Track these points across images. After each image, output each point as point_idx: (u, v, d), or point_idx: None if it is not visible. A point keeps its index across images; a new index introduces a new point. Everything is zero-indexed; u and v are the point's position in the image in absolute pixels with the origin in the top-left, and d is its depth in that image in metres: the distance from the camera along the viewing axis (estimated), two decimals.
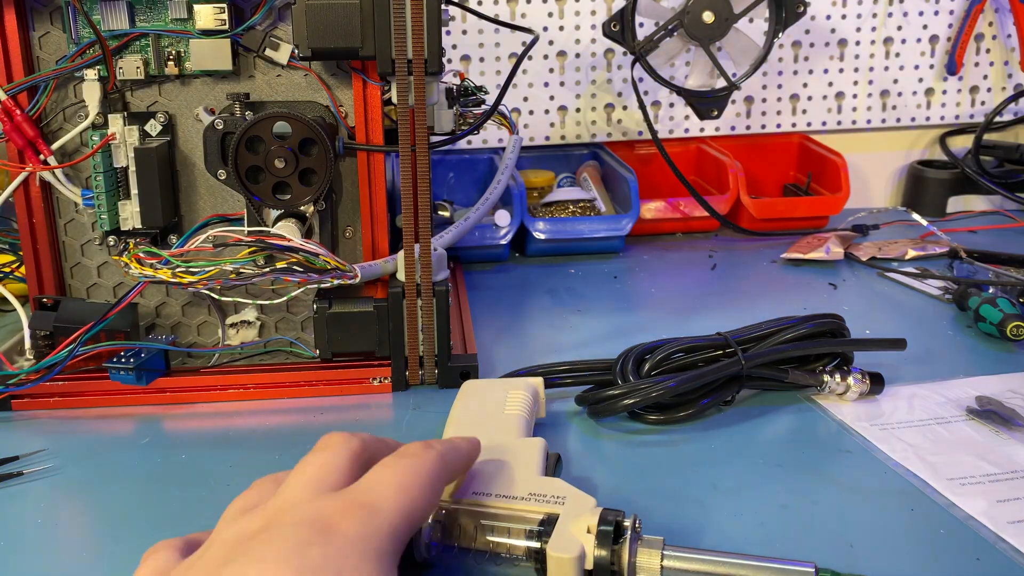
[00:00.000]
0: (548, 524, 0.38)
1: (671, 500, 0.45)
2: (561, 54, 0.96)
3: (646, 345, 0.54)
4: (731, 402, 0.54)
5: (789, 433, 0.52)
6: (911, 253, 0.82)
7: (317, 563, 0.31)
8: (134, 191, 0.54)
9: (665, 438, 0.51)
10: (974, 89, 1.02)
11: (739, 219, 0.90)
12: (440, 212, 0.82)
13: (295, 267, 0.52)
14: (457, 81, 0.64)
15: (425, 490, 0.36)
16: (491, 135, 0.96)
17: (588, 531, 0.37)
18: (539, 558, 0.38)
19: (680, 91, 0.85)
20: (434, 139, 0.61)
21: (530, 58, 0.95)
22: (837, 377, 0.54)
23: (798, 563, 0.36)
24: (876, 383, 0.54)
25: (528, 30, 0.75)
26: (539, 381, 0.52)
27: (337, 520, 0.33)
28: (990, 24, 1.00)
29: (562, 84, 0.97)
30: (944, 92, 1.02)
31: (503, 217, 0.81)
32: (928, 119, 1.02)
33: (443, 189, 0.93)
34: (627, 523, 0.38)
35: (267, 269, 0.52)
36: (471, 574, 0.40)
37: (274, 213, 0.55)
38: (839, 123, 1.01)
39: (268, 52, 0.55)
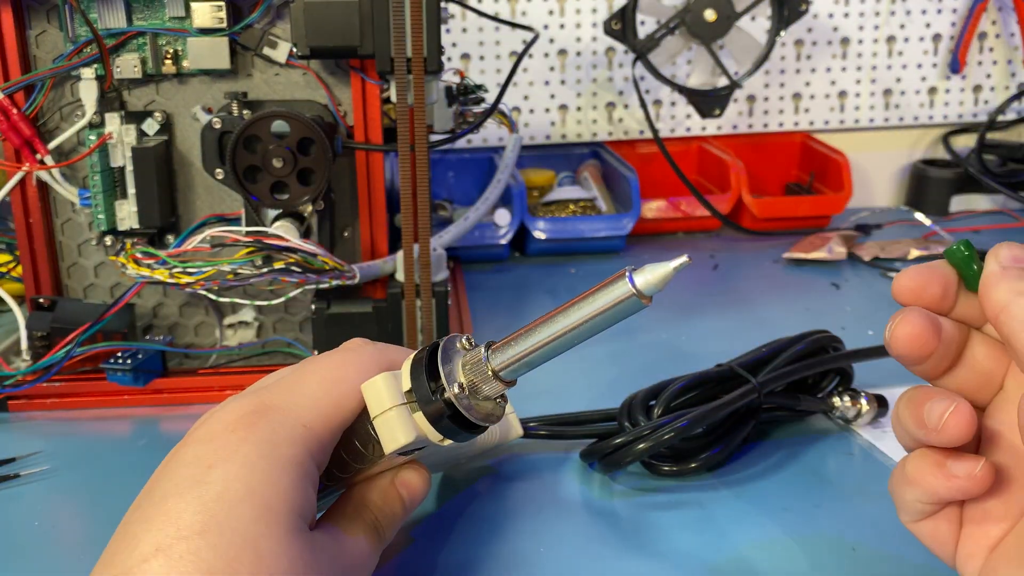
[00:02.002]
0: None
1: (672, 499, 0.45)
2: (562, 52, 0.95)
3: (648, 389, 0.49)
4: (747, 439, 0.50)
5: (789, 436, 0.51)
6: (914, 253, 0.82)
7: (218, 490, 0.29)
8: (131, 191, 0.54)
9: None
10: (977, 88, 1.01)
11: (741, 218, 0.89)
12: (440, 212, 0.82)
13: (293, 267, 0.52)
14: (457, 80, 0.64)
15: (353, 388, 0.34)
16: (491, 134, 0.96)
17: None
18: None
19: (682, 90, 0.84)
20: (433, 138, 0.61)
21: (530, 56, 0.95)
22: (847, 400, 0.51)
23: (613, 280, 0.32)
24: (882, 405, 0.52)
25: (528, 28, 0.75)
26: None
27: (244, 429, 0.31)
28: (993, 23, 0.99)
29: (563, 82, 0.96)
30: (947, 91, 1.01)
31: (503, 216, 0.81)
32: (931, 118, 1.02)
33: (443, 188, 0.92)
34: (443, 343, 0.35)
35: (265, 269, 0.51)
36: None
37: (272, 213, 0.55)
38: (841, 122, 1.01)
39: (266, 51, 0.54)
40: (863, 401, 0.51)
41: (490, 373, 0.34)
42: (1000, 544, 0.32)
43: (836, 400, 0.52)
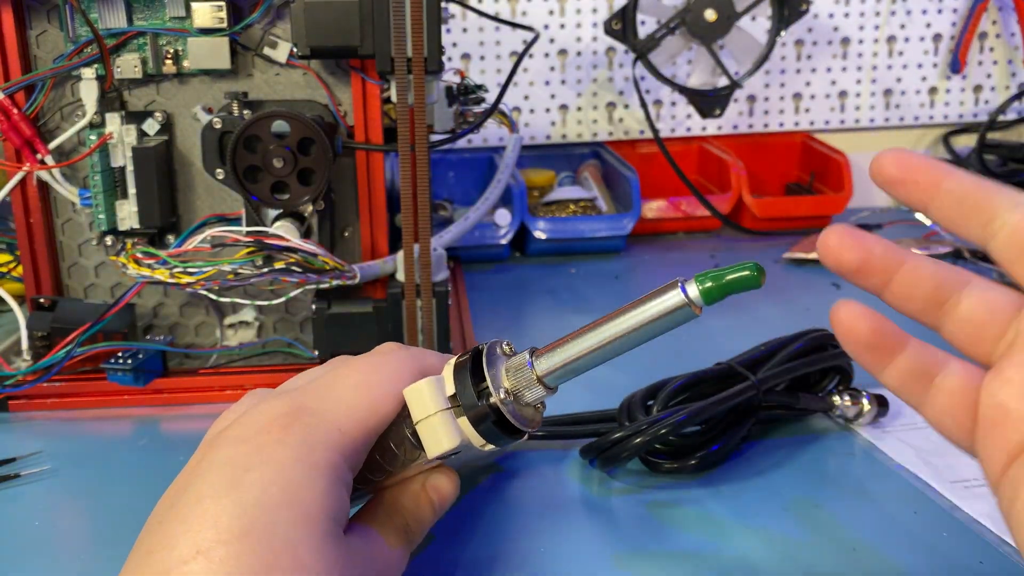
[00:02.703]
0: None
1: (672, 497, 0.45)
2: (562, 52, 0.95)
3: (647, 388, 0.49)
4: (747, 437, 0.50)
5: (789, 435, 0.51)
6: (914, 252, 0.82)
7: (256, 494, 0.29)
8: (132, 191, 0.54)
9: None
10: (978, 88, 1.01)
11: (741, 218, 0.89)
12: (440, 211, 0.82)
13: (294, 267, 0.52)
14: (457, 79, 0.64)
15: (388, 392, 0.34)
16: (491, 134, 0.96)
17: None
18: (417, 439, 0.35)
19: (682, 90, 0.84)
20: (434, 138, 0.61)
21: (531, 56, 0.95)
22: (847, 400, 0.51)
23: (665, 288, 0.32)
24: (883, 405, 0.52)
25: (529, 28, 0.75)
26: None
27: (279, 431, 0.31)
28: (994, 22, 0.99)
29: (563, 82, 0.96)
30: (948, 91, 1.01)
31: (503, 216, 0.81)
32: (931, 118, 1.02)
33: (443, 188, 0.92)
34: (486, 349, 0.35)
35: (265, 269, 0.51)
36: None
37: (272, 213, 0.55)
38: (842, 122, 1.01)
39: (266, 50, 0.54)
40: (864, 400, 0.51)
41: (535, 378, 0.34)
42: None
43: (836, 399, 0.51)
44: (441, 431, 0.34)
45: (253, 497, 0.29)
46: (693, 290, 0.31)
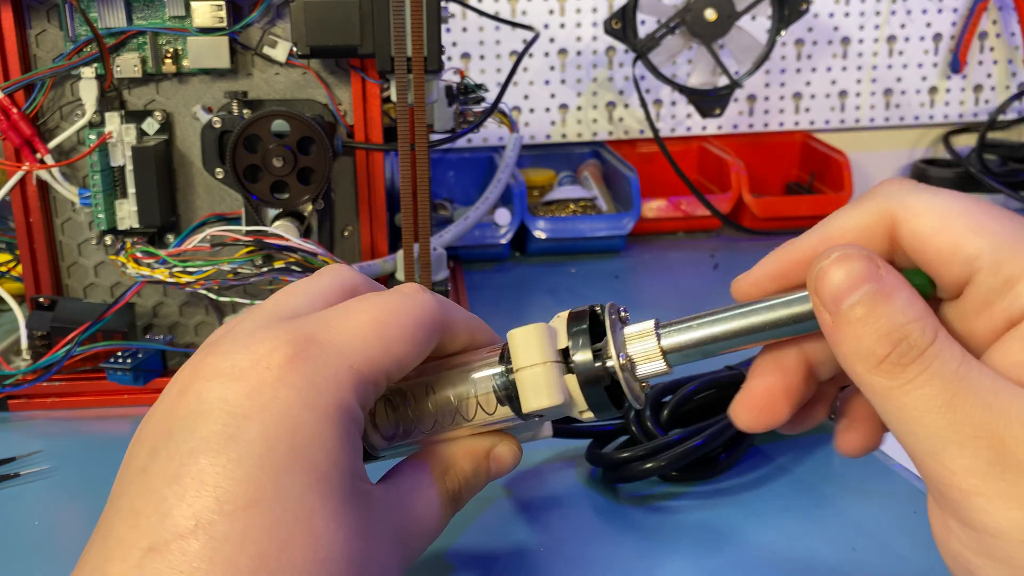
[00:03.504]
0: (507, 359, 0.32)
1: (674, 501, 0.45)
2: (562, 52, 0.95)
3: (658, 389, 0.48)
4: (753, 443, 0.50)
5: (789, 435, 0.51)
6: None
7: (260, 451, 0.25)
8: (131, 190, 0.54)
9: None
10: (978, 87, 1.01)
11: (741, 218, 0.89)
12: (440, 211, 0.82)
13: (293, 267, 0.52)
14: (457, 79, 0.64)
15: (406, 333, 0.29)
16: (491, 133, 0.96)
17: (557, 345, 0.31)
18: (510, 390, 0.31)
19: (682, 89, 0.84)
20: (434, 137, 0.61)
21: (531, 56, 0.95)
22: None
23: (794, 292, 0.30)
24: None
25: (529, 27, 0.75)
26: None
27: (280, 367, 0.26)
28: (994, 22, 0.99)
29: (563, 82, 0.96)
30: (948, 90, 1.01)
31: (503, 216, 0.81)
32: (932, 118, 1.02)
33: (443, 188, 0.92)
34: (603, 313, 0.31)
35: (265, 269, 0.51)
36: None
37: (272, 212, 0.55)
38: (842, 122, 1.01)
39: (266, 50, 0.54)
40: None
41: (659, 351, 0.30)
42: None
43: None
44: (544, 384, 0.30)
45: (257, 455, 0.24)
46: None
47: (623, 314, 0.32)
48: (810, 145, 0.98)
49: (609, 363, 0.30)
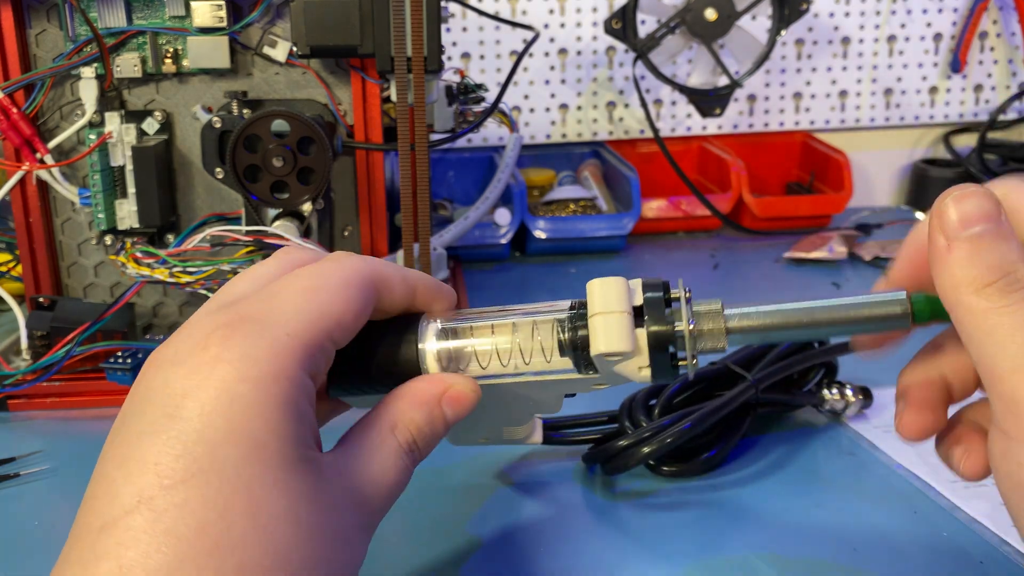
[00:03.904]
0: (579, 308, 0.33)
1: (672, 499, 0.45)
2: (562, 52, 0.95)
3: (647, 389, 0.49)
4: (744, 435, 0.50)
5: (789, 435, 0.51)
6: None
7: (197, 427, 0.25)
8: (131, 190, 0.54)
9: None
10: (978, 87, 1.01)
11: (741, 218, 0.89)
12: (440, 211, 0.82)
13: None
14: (457, 79, 0.64)
15: (337, 293, 0.30)
16: (491, 133, 0.96)
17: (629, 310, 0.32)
18: (579, 345, 0.33)
19: (682, 89, 0.84)
20: (434, 137, 0.61)
21: (531, 56, 0.95)
22: (836, 393, 0.52)
23: (887, 292, 0.32)
24: (867, 396, 0.53)
25: (529, 27, 0.75)
26: None
27: (216, 345, 0.27)
28: (994, 22, 0.99)
29: (563, 82, 0.96)
30: (948, 90, 1.01)
31: (503, 216, 0.81)
32: (932, 117, 1.02)
33: (443, 188, 0.92)
34: (676, 291, 0.33)
35: None
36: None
37: (272, 212, 0.55)
38: (842, 121, 1.01)
39: (266, 50, 0.54)
40: (849, 393, 0.52)
41: (723, 328, 0.33)
42: None
43: (825, 393, 0.52)
44: (617, 329, 0.32)
45: (194, 430, 0.25)
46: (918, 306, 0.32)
47: (688, 293, 0.34)
48: (810, 145, 0.98)
49: (679, 326, 0.32)
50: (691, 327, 0.32)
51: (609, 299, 0.32)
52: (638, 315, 0.33)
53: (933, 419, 0.33)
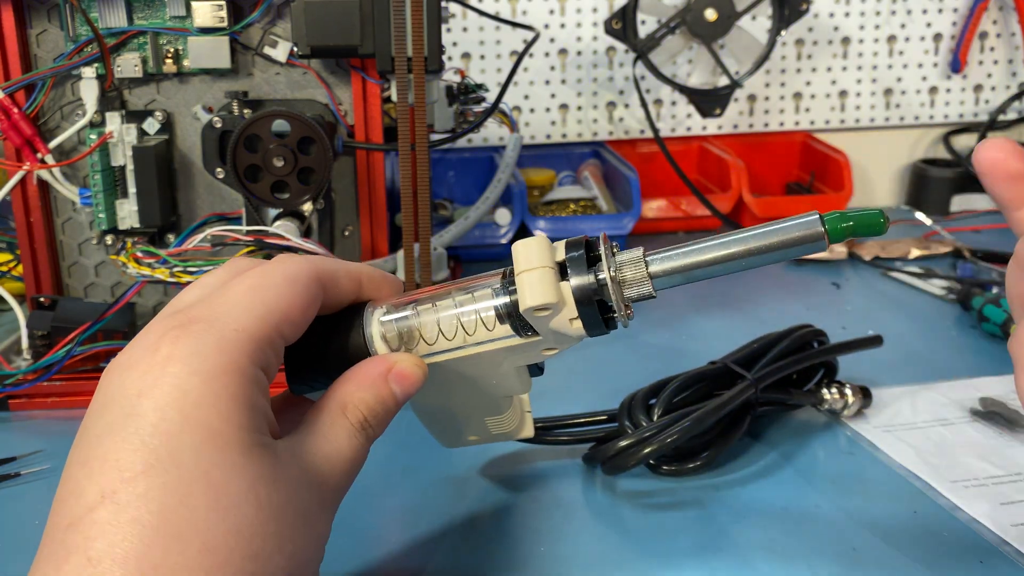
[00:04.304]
0: (510, 274, 0.34)
1: (672, 499, 0.45)
2: (562, 52, 0.95)
3: (647, 388, 0.49)
4: (744, 434, 0.50)
5: (789, 435, 0.51)
6: (914, 252, 0.82)
7: (153, 421, 0.27)
8: (132, 190, 0.54)
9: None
10: (978, 87, 1.01)
11: (741, 218, 0.89)
12: (440, 211, 0.82)
13: None
14: (457, 79, 0.64)
15: (282, 289, 0.31)
16: (491, 133, 0.96)
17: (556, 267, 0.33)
18: (513, 309, 0.34)
19: (682, 89, 0.84)
20: (434, 137, 0.61)
21: (531, 56, 0.95)
22: (835, 392, 0.52)
23: (798, 217, 0.32)
24: (867, 396, 0.53)
25: (529, 27, 0.75)
26: None
27: (168, 346, 0.28)
28: (994, 22, 0.99)
29: (563, 82, 0.96)
30: (948, 90, 1.01)
31: (503, 216, 0.81)
32: (932, 117, 1.02)
33: (443, 188, 0.92)
34: (599, 244, 0.34)
35: None
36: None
37: (273, 212, 0.55)
38: (842, 121, 1.01)
39: (267, 50, 0.54)
40: (849, 393, 0.52)
41: (646, 274, 0.33)
42: None
43: (825, 393, 0.52)
44: (540, 283, 0.33)
45: (150, 424, 0.27)
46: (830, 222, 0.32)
47: (614, 247, 0.35)
48: (810, 145, 0.98)
49: (601, 275, 0.33)
50: (612, 274, 0.33)
51: (531, 256, 0.33)
52: (563, 271, 0.33)
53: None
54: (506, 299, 0.34)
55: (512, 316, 0.34)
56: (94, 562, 0.25)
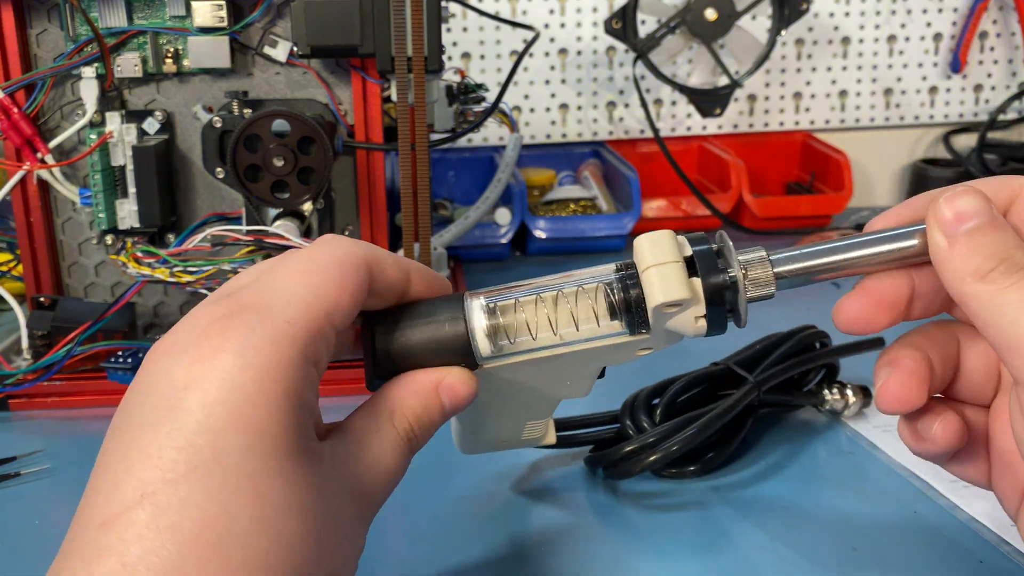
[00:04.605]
0: (626, 268, 0.33)
1: (673, 500, 0.45)
2: (562, 51, 0.95)
3: (649, 389, 0.49)
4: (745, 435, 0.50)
5: (790, 435, 0.51)
6: None
7: (199, 418, 0.25)
8: (132, 190, 0.54)
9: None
10: (978, 87, 1.01)
11: (741, 218, 0.89)
12: (440, 211, 0.82)
13: None
14: (457, 79, 0.64)
15: (330, 273, 0.29)
16: (491, 133, 0.96)
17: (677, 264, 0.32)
18: (632, 304, 0.33)
19: (682, 89, 0.84)
20: (434, 137, 0.61)
21: (531, 56, 0.95)
22: (836, 393, 0.52)
23: (908, 227, 0.32)
24: (867, 396, 0.53)
25: (529, 27, 0.75)
26: None
27: (217, 336, 0.27)
28: (994, 22, 0.99)
29: (563, 82, 0.96)
30: (948, 90, 1.01)
31: (503, 216, 0.81)
32: (932, 117, 1.02)
33: (443, 187, 0.92)
34: (720, 241, 0.33)
35: None
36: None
37: (273, 212, 0.55)
38: (842, 121, 1.01)
39: (267, 50, 0.54)
40: (849, 393, 0.52)
41: (771, 274, 0.33)
42: None
43: (826, 393, 0.52)
44: (673, 279, 0.32)
45: (196, 422, 0.25)
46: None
47: (730, 243, 0.34)
48: (810, 145, 0.98)
49: (731, 273, 0.33)
50: (744, 272, 0.33)
51: (662, 250, 0.32)
52: (690, 266, 0.33)
53: (918, 390, 0.32)
54: (624, 294, 0.33)
55: (631, 312, 0.33)
56: (128, 568, 0.24)
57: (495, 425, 0.40)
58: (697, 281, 0.32)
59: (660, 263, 0.32)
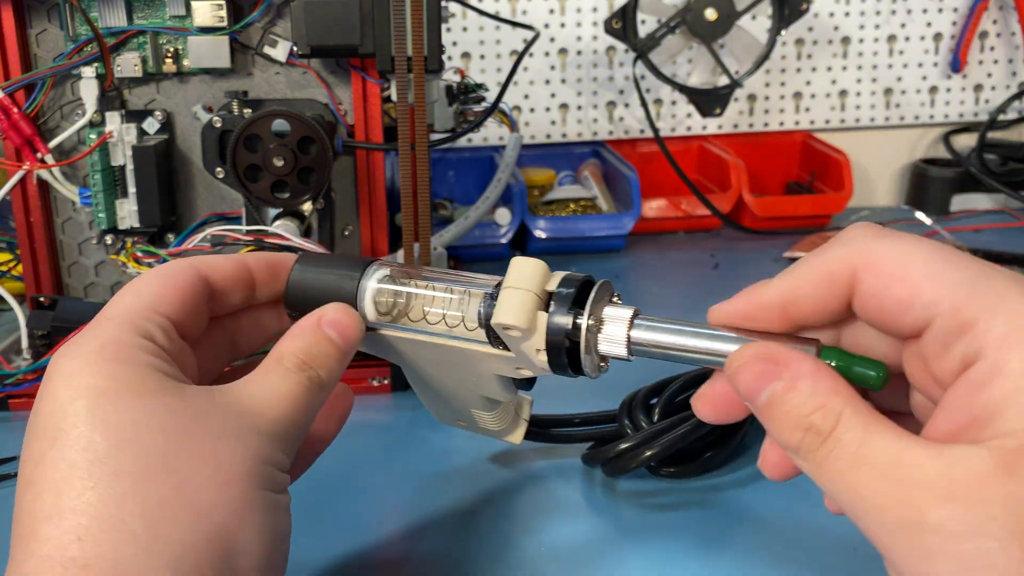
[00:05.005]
0: (499, 288, 0.34)
1: (672, 499, 0.45)
2: (562, 51, 0.95)
3: (647, 388, 0.49)
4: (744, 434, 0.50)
5: None
6: None
7: (47, 410, 0.30)
8: (132, 189, 0.54)
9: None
10: (978, 87, 1.01)
11: (741, 218, 0.89)
12: (440, 211, 0.82)
13: None
14: (457, 78, 0.64)
15: (152, 279, 0.34)
16: (491, 133, 0.96)
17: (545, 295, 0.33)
18: (487, 321, 0.34)
19: (682, 89, 0.84)
20: (434, 137, 0.61)
21: (531, 55, 0.95)
22: None
23: (800, 341, 0.31)
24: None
25: (529, 27, 0.75)
26: None
27: (56, 360, 0.31)
28: (995, 22, 0.99)
29: (563, 81, 0.96)
30: (948, 90, 1.01)
31: (503, 216, 0.81)
32: (932, 117, 1.02)
33: (443, 187, 0.92)
34: (597, 287, 0.34)
35: None
36: None
37: (273, 212, 0.55)
38: (842, 121, 1.01)
39: (266, 49, 0.54)
40: None
41: (625, 337, 0.33)
42: None
43: None
44: (520, 305, 0.33)
45: (47, 413, 0.30)
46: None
47: (614, 298, 0.34)
48: (810, 145, 0.98)
49: (579, 320, 0.33)
50: (590, 323, 0.33)
51: (523, 276, 0.33)
52: (550, 301, 0.33)
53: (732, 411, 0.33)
54: (487, 307, 0.35)
55: (487, 325, 0.34)
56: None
57: (443, 401, 0.41)
58: (544, 316, 0.33)
59: (515, 287, 0.33)
